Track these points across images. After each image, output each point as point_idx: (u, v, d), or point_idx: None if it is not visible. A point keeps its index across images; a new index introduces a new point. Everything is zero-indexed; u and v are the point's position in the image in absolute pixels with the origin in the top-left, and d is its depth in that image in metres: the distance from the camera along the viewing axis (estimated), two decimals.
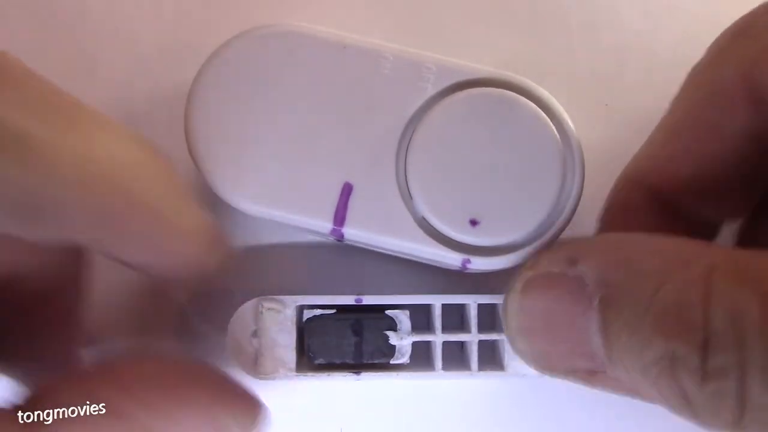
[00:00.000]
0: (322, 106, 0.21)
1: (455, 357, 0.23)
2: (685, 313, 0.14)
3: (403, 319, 0.22)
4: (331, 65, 0.21)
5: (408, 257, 0.22)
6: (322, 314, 0.22)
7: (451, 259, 0.21)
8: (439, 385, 0.25)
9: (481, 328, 0.22)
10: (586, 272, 0.17)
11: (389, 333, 0.22)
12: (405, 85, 0.21)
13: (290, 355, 0.22)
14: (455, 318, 0.24)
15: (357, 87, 0.21)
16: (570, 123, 0.20)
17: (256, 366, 0.22)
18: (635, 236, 0.17)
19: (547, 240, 0.20)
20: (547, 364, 0.18)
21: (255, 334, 0.22)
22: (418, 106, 0.21)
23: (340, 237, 0.21)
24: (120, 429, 0.17)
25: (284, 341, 0.22)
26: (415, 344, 0.22)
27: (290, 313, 0.22)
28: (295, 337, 0.22)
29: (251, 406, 0.19)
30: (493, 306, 0.23)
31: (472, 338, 0.22)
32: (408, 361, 0.22)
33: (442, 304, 0.22)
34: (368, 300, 0.22)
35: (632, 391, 0.17)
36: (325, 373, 0.22)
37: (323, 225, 0.21)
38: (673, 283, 0.15)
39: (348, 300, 0.22)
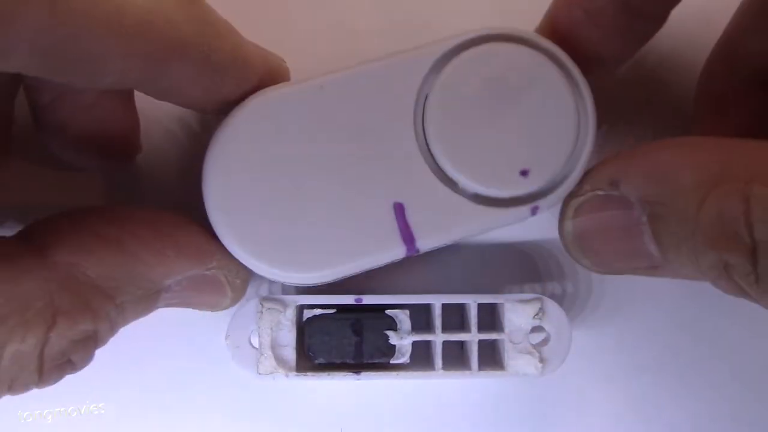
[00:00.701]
0: (337, 148, 0.20)
1: (455, 357, 0.23)
2: (729, 226, 0.16)
3: (403, 318, 0.22)
4: (321, 109, 0.20)
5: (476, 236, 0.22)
6: (322, 314, 0.22)
7: (520, 215, 0.20)
8: (439, 385, 0.25)
9: (481, 328, 0.22)
10: (629, 192, 0.18)
11: (389, 333, 0.22)
12: (399, 83, 0.20)
13: (290, 355, 0.22)
14: (455, 318, 0.24)
15: (358, 116, 0.20)
16: (574, 66, 0.20)
17: (256, 366, 0.22)
18: (670, 147, 0.18)
19: (584, 161, 0.20)
20: (611, 270, 0.20)
21: (255, 333, 0.22)
22: (416, 89, 0.20)
23: (416, 253, 0.21)
24: (108, 252, 0.18)
25: (284, 341, 0.22)
26: (415, 344, 0.22)
27: (290, 313, 0.22)
28: (295, 337, 0.22)
29: (240, 265, 0.20)
30: (493, 306, 0.23)
31: (472, 338, 0.22)
32: (408, 361, 0.22)
33: (442, 304, 0.22)
34: (368, 300, 0.22)
35: (686, 278, 0.18)
36: (325, 373, 0.22)
37: (397, 253, 0.20)
38: (715, 197, 0.16)
39: (348, 300, 0.22)
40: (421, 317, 0.23)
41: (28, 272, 0.17)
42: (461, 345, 0.24)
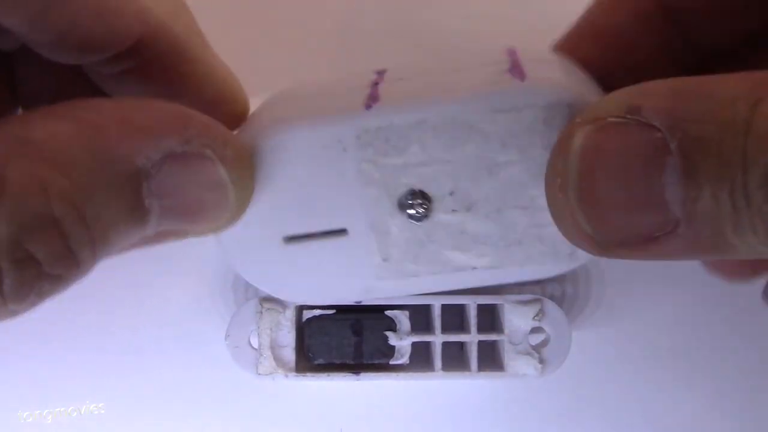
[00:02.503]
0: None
1: (455, 357, 0.23)
2: None
3: (402, 319, 0.22)
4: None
5: None
6: (321, 314, 0.22)
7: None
8: (439, 386, 0.25)
9: (481, 329, 0.22)
10: (652, 116, 0.14)
11: (389, 333, 0.22)
12: None
13: (290, 356, 0.22)
14: (455, 318, 0.24)
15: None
16: None
17: (256, 366, 0.22)
18: (695, 77, 0.15)
19: None
20: (605, 236, 0.16)
21: (254, 334, 0.22)
22: None
23: None
24: (59, 121, 0.15)
25: (284, 341, 0.22)
26: (414, 344, 0.22)
27: (290, 313, 0.22)
28: (295, 337, 0.22)
29: (228, 133, 0.17)
30: (492, 306, 0.23)
31: (471, 339, 0.22)
32: (407, 362, 0.22)
33: (442, 305, 0.22)
34: (368, 300, 0.22)
35: (704, 249, 0.15)
36: (325, 374, 0.22)
37: None
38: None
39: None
40: (420, 318, 0.23)
41: None
42: (461, 346, 0.24)
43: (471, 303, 0.22)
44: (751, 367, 0.25)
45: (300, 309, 0.22)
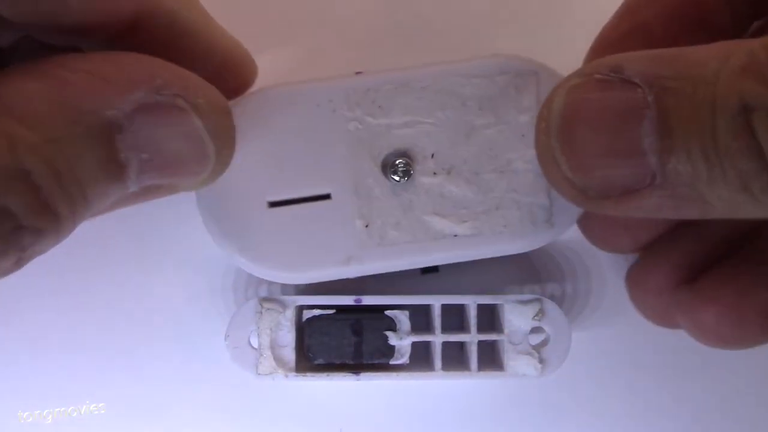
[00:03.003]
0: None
1: (455, 357, 0.23)
2: (763, 69, 0.13)
3: (402, 319, 0.22)
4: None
5: None
6: (321, 314, 0.22)
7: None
8: (439, 386, 0.25)
9: (481, 329, 0.22)
10: (634, 75, 0.15)
11: (389, 333, 0.22)
12: None
13: (290, 356, 0.22)
14: (455, 318, 0.24)
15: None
16: None
17: (256, 366, 0.22)
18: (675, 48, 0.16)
19: None
20: (585, 183, 0.16)
21: (254, 334, 0.22)
22: None
23: None
24: (24, 76, 0.15)
25: (284, 341, 0.22)
26: (414, 344, 0.22)
27: (290, 313, 0.22)
28: (295, 337, 0.22)
29: (200, 81, 0.17)
30: (492, 306, 0.23)
31: (471, 338, 0.22)
32: (407, 362, 0.22)
33: (442, 305, 0.22)
34: (368, 300, 0.22)
35: (681, 200, 0.16)
36: (325, 374, 0.22)
37: None
38: (737, 56, 0.14)
39: (348, 300, 0.22)
40: (420, 318, 0.23)
41: None
42: (461, 346, 0.24)
43: (471, 303, 0.22)
44: (751, 367, 0.25)
45: (300, 309, 0.22)
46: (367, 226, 0.19)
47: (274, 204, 0.19)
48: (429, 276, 0.25)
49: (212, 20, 0.19)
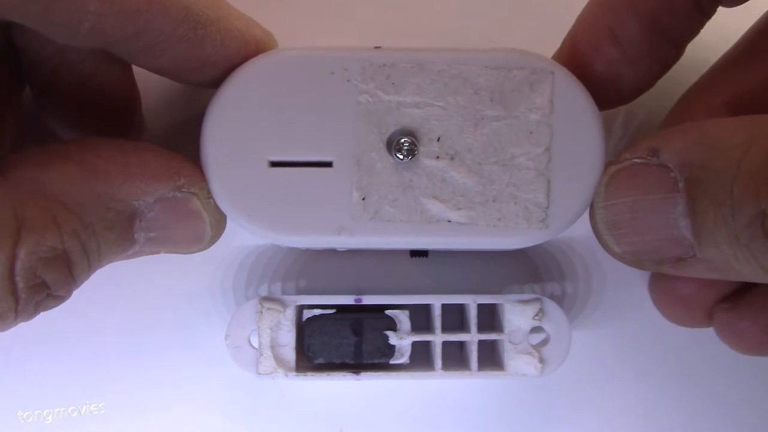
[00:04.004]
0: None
1: (455, 357, 0.23)
2: None
3: (402, 319, 0.22)
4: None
5: None
6: (321, 314, 0.22)
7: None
8: (439, 386, 0.25)
9: (481, 328, 0.22)
10: (668, 159, 0.17)
11: (389, 333, 0.22)
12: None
13: (290, 355, 0.22)
14: (455, 318, 0.24)
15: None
16: None
17: (256, 366, 0.22)
18: (713, 119, 0.17)
19: None
20: (636, 256, 0.19)
21: (255, 334, 0.22)
22: None
23: None
24: (70, 168, 0.17)
25: (284, 341, 0.22)
26: (414, 344, 0.22)
27: (290, 313, 0.22)
28: (295, 337, 0.22)
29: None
30: (492, 306, 0.23)
31: (471, 338, 0.22)
32: (408, 361, 0.22)
33: (442, 304, 0.22)
34: (368, 300, 0.22)
35: (722, 272, 0.17)
36: (325, 374, 0.22)
37: None
38: (759, 146, 0.15)
39: (348, 300, 0.22)
40: (420, 317, 0.23)
41: None
42: (461, 345, 0.24)
43: (471, 302, 0.22)
44: (751, 367, 0.25)
45: (300, 309, 0.22)
46: (363, 198, 0.19)
47: (275, 164, 0.20)
48: (430, 275, 0.25)
49: (226, 5, 0.19)
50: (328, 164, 0.20)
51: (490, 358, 0.23)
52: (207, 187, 0.19)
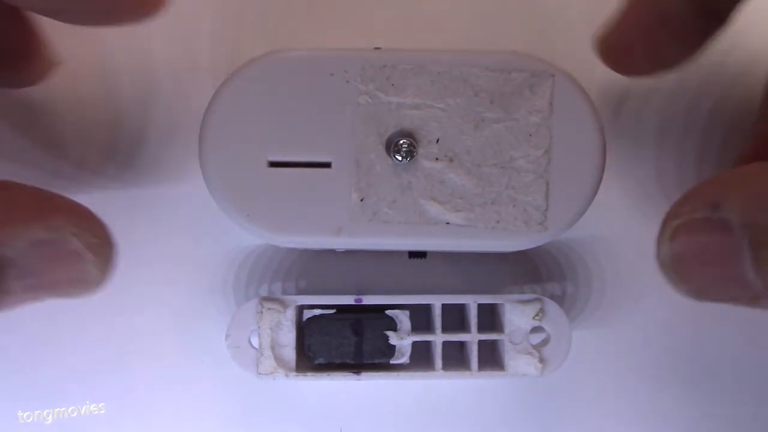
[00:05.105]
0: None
1: (455, 357, 0.23)
2: None
3: (403, 319, 0.22)
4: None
5: None
6: (321, 314, 0.22)
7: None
8: (439, 386, 0.25)
9: (481, 328, 0.22)
10: (729, 215, 0.17)
11: (389, 333, 0.22)
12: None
13: (290, 355, 0.22)
14: (455, 318, 0.24)
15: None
16: None
17: (256, 366, 0.22)
18: None
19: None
20: (710, 298, 0.18)
21: (255, 334, 0.22)
22: None
23: None
24: None
25: (284, 341, 0.22)
26: (415, 344, 0.22)
27: (290, 313, 0.22)
28: (295, 337, 0.22)
29: (93, 220, 0.17)
30: (493, 306, 0.23)
31: (472, 338, 0.22)
32: (408, 361, 0.22)
33: (442, 304, 0.22)
34: (368, 300, 0.22)
35: None
36: (325, 374, 0.22)
37: None
38: None
39: (348, 300, 0.22)
40: (421, 317, 0.23)
41: None
42: (461, 345, 0.24)
43: (471, 302, 0.22)
44: (751, 367, 0.25)
45: (300, 309, 0.22)
46: (362, 200, 0.20)
47: (274, 164, 0.20)
48: (430, 275, 0.25)
49: None
50: (327, 165, 0.20)
51: (491, 358, 0.23)
52: (90, 224, 0.17)
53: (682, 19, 0.19)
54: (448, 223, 0.20)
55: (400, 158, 0.19)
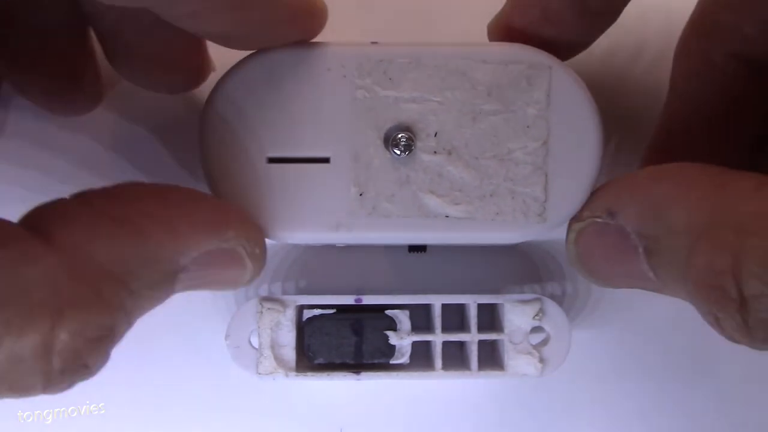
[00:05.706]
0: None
1: (455, 357, 0.23)
2: (717, 280, 0.15)
3: (403, 318, 0.22)
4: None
5: None
6: (321, 314, 0.22)
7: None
8: (439, 386, 0.25)
9: (481, 328, 0.22)
10: (625, 224, 0.18)
11: (389, 333, 0.22)
12: None
13: (290, 355, 0.22)
14: (455, 318, 0.24)
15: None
16: None
17: (256, 366, 0.22)
18: (666, 180, 0.18)
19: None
20: (621, 287, 0.20)
21: (255, 334, 0.22)
22: None
23: None
24: (117, 232, 0.16)
25: (284, 341, 0.22)
26: (415, 344, 0.22)
27: (290, 313, 0.22)
28: (295, 337, 0.22)
29: (257, 231, 0.19)
30: (492, 306, 0.23)
31: (471, 338, 0.22)
32: (408, 361, 0.22)
33: (442, 304, 0.22)
34: (368, 300, 0.22)
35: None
36: (325, 373, 0.22)
37: None
38: (704, 247, 0.16)
39: (348, 300, 0.22)
40: (421, 317, 0.23)
41: (29, 258, 0.15)
42: (461, 345, 0.24)
43: (471, 302, 0.22)
44: (751, 367, 0.25)
45: (300, 308, 0.22)
46: (361, 194, 0.19)
47: (273, 160, 0.20)
48: (430, 275, 0.25)
49: None
50: (326, 160, 0.20)
51: (491, 358, 0.23)
52: (255, 236, 0.19)
53: (564, 15, 0.19)
54: (447, 216, 0.20)
55: (398, 152, 0.19)
